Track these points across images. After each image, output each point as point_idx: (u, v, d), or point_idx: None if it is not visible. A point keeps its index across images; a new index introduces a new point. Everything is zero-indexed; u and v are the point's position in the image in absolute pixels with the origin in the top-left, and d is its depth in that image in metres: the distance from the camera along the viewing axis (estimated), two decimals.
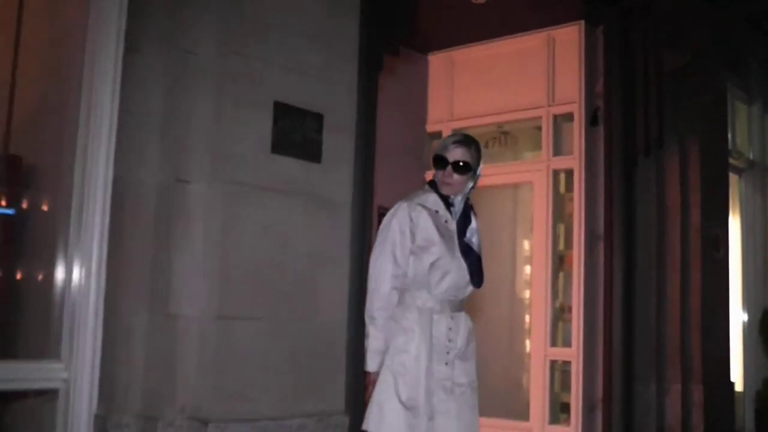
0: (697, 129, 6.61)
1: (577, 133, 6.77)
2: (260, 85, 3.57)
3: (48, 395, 3.44)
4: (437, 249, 3.31)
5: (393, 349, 3.28)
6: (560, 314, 6.88)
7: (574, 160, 6.76)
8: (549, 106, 6.96)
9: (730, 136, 7.67)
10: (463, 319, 3.42)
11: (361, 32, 4.06)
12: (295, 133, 3.65)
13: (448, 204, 3.41)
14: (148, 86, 3.50)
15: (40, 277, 3.71)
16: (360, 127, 4.10)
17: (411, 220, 3.31)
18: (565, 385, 6.77)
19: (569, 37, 6.89)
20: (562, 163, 6.89)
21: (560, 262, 6.92)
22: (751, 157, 8.31)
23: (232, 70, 3.49)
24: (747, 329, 8.00)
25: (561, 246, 6.94)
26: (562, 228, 6.94)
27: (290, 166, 3.64)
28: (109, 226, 3.49)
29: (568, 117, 6.89)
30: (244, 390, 3.41)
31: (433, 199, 3.41)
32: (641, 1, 6.54)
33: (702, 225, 6.57)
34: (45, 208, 3.86)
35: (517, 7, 6.70)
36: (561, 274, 6.92)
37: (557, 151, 6.93)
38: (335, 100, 3.86)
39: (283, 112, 3.61)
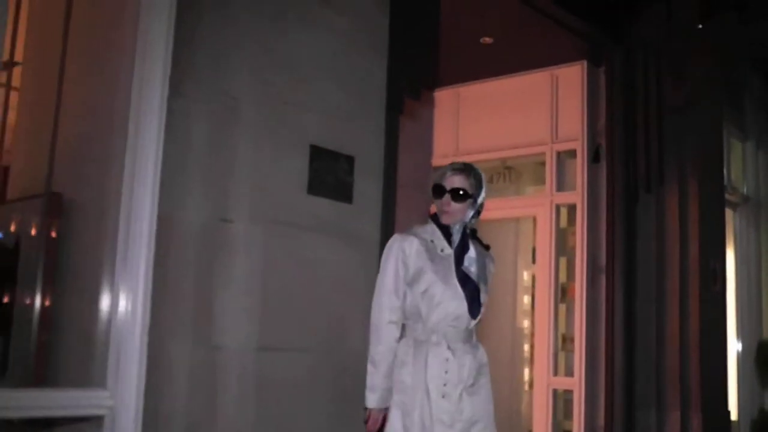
0: (696, 165, 6.86)
1: (579, 169, 7.02)
2: (297, 129, 3.78)
3: (93, 422, 3.60)
4: (428, 277, 3.29)
5: (394, 383, 3.30)
6: (562, 344, 7.09)
7: (577, 195, 7.01)
8: (552, 142, 7.21)
9: (725, 171, 7.93)
10: (470, 351, 3.35)
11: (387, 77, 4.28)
12: (329, 174, 3.86)
13: (447, 233, 3.40)
14: (191, 129, 3.70)
15: (84, 309, 3.88)
16: (384, 168, 4.32)
17: (403, 251, 3.32)
18: (567, 414, 6.97)
19: (572, 76, 7.16)
20: (565, 198, 7.13)
21: (563, 293, 7.15)
22: (745, 192, 8.58)
23: (271, 114, 3.70)
24: (741, 359, 8.23)
25: (563, 278, 7.17)
26: (564, 260, 7.17)
27: (324, 205, 3.85)
28: (154, 261, 3.67)
29: (571, 153, 7.14)
30: (282, 419, 3.59)
31: (430, 230, 3.42)
32: (642, 42, 6.80)
33: (700, 258, 6.80)
34: (88, 242, 4.03)
35: (522, 46, 6.97)
36: (563, 305, 7.15)
37: (560, 186, 7.18)
38: (365, 143, 4.08)
39: (318, 155, 3.82)
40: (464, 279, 3.35)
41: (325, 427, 3.62)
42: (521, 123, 7.37)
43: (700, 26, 6.47)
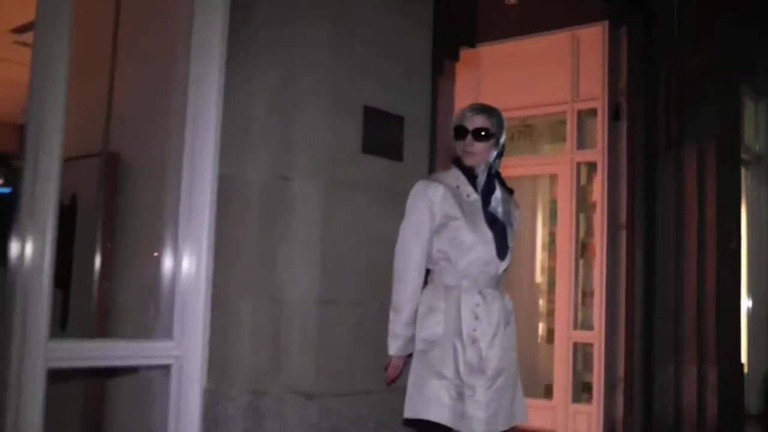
0: (714, 127, 7.02)
1: (600, 127, 7.16)
2: (351, 92, 3.91)
3: (161, 371, 3.78)
4: (458, 223, 3.26)
5: (422, 329, 3.29)
6: (582, 299, 7.30)
7: (597, 153, 7.17)
8: (573, 102, 7.34)
9: None
10: (499, 297, 3.34)
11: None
12: (382, 134, 3.99)
13: (471, 176, 3.37)
14: (251, 91, 3.83)
15: (146, 265, 4.05)
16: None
17: (429, 198, 3.30)
18: (587, 367, 7.19)
19: (593, 36, 7.27)
20: (585, 156, 7.29)
21: (583, 249, 7.33)
22: (756, 150, 8.74)
23: (330, 77, 3.83)
24: (752, 315, 8.45)
25: (583, 234, 7.35)
26: (584, 217, 7.35)
27: (377, 164, 3.99)
28: (216, 218, 3.83)
29: (592, 112, 7.28)
30: (341, 367, 3.76)
31: (454, 175, 3.40)
32: (664, 5, 6.91)
33: (717, 216, 6.99)
34: (148, 201, 4.18)
35: (544, 7, 7.07)
36: (582, 261, 7.34)
37: (581, 144, 7.32)
38: (413, 105, 4.20)
39: (370, 115, 3.95)
40: (492, 220, 3.32)
41: (380, 374, 3.79)
42: (542, 82, 7.50)
43: None
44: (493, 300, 3.30)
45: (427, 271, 3.40)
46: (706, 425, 6.87)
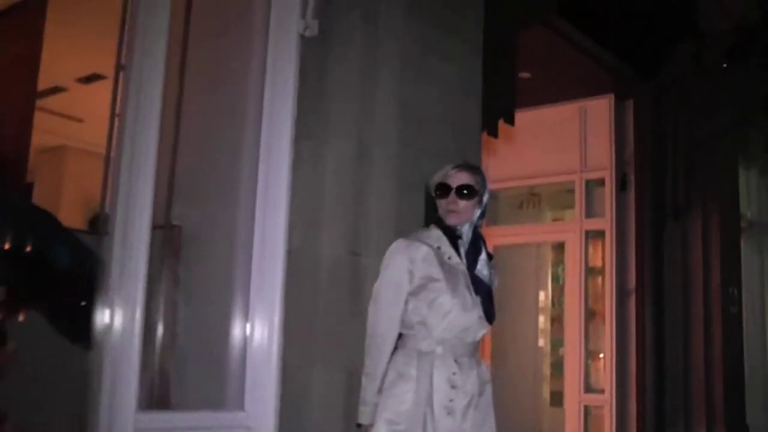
0: (717, 195, 7.32)
1: (608, 197, 7.43)
2: (415, 170, 4.09)
3: None
4: (438, 286, 3.10)
5: (390, 397, 3.11)
6: (590, 363, 7.49)
7: (606, 222, 7.42)
8: (582, 171, 7.61)
9: None
10: (475, 366, 3.17)
11: None
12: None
13: (453, 238, 3.21)
14: (323, 165, 3.99)
15: (213, 335, 4.14)
16: None
17: (410, 259, 3.14)
18: (595, 429, 7.35)
19: (600, 108, 7.58)
20: (593, 224, 7.53)
21: (590, 314, 7.55)
22: (749, 217, 9.08)
23: (394, 157, 4.01)
24: (749, 374, 8.70)
25: (590, 300, 7.57)
26: (591, 283, 7.58)
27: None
28: (287, 290, 3.95)
29: (600, 182, 7.55)
30: None
31: (435, 236, 3.23)
32: (671, 79, 7.24)
33: (722, 283, 7.26)
34: (214, 273, 4.29)
35: (554, 80, 7.37)
36: (591, 326, 7.55)
37: (589, 213, 7.58)
38: None
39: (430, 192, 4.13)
40: (477, 283, 3.18)
41: None
42: (551, 152, 7.76)
43: (725, 65, 6.91)
44: (470, 369, 3.13)
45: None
46: None
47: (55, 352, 4.14)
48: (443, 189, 3.22)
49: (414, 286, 3.13)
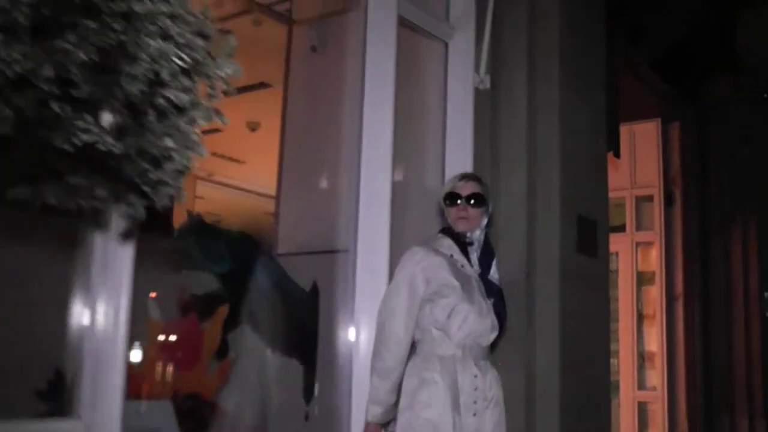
0: (755, 210, 8.16)
1: (657, 211, 8.22)
2: (572, 203, 4.79)
3: None
4: (454, 293, 3.19)
5: (415, 404, 3.15)
6: (642, 362, 8.28)
7: (654, 235, 8.21)
8: (632, 188, 8.40)
9: None
10: (490, 368, 3.29)
11: None
12: (587, 237, 4.89)
13: (463, 246, 3.36)
14: (499, 200, 4.64)
15: None
16: None
17: (425, 266, 3.23)
18: (646, 423, 8.14)
19: (649, 130, 8.36)
20: (643, 236, 8.33)
21: (641, 318, 8.34)
22: None
23: (559, 190, 4.68)
24: None
25: (641, 305, 8.37)
26: (642, 290, 8.37)
27: (584, 260, 4.87)
28: None
29: (649, 198, 8.34)
30: None
31: (447, 244, 3.35)
32: (714, 104, 8.05)
33: (760, 288, 8.10)
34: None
35: None
36: (642, 329, 8.34)
37: (639, 226, 8.37)
38: (600, 211, 5.12)
39: (582, 222, 4.83)
40: (490, 288, 3.35)
41: None
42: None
43: (766, 95, 7.75)
44: (486, 371, 3.25)
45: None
46: None
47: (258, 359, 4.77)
48: (453, 198, 3.35)
49: (429, 292, 3.20)
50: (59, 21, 1.27)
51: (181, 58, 1.40)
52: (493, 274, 3.38)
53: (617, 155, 5.55)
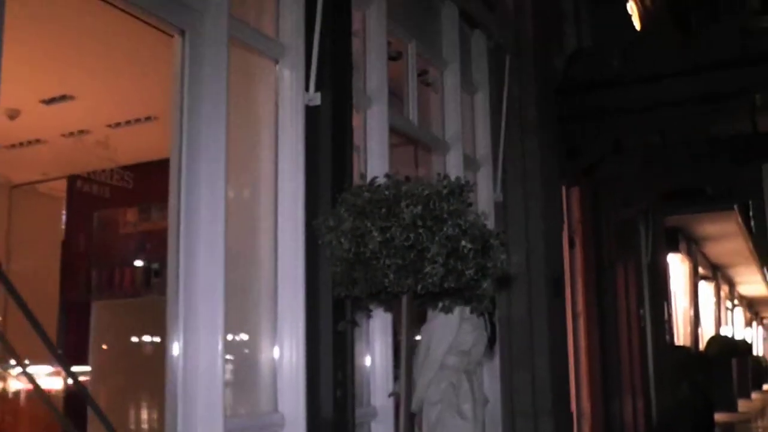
0: (631, 252, 11.57)
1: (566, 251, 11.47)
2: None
3: None
4: (470, 329, 4.89)
5: (454, 397, 4.81)
6: None
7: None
8: None
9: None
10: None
11: None
12: None
13: None
14: None
15: None
16: None
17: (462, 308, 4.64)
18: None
19: None
20: None
21: None
22: (645, 262, 13.48)
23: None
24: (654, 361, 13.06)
25: None
26: None
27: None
28: None
29: None
30: None
31: None
32: (606, 175, 11.38)
33: (637, 305, 11.52)
34: None
35: None
36: None
37: None
38: None
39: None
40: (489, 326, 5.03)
41: None
42: None
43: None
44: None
45: None
46: (638, 428, 11.27)
47: None
48: None
49: (460, 325, 4.82)
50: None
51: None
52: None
53: None
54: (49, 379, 6.45)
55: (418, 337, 6.00)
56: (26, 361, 3.05)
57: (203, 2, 3.97)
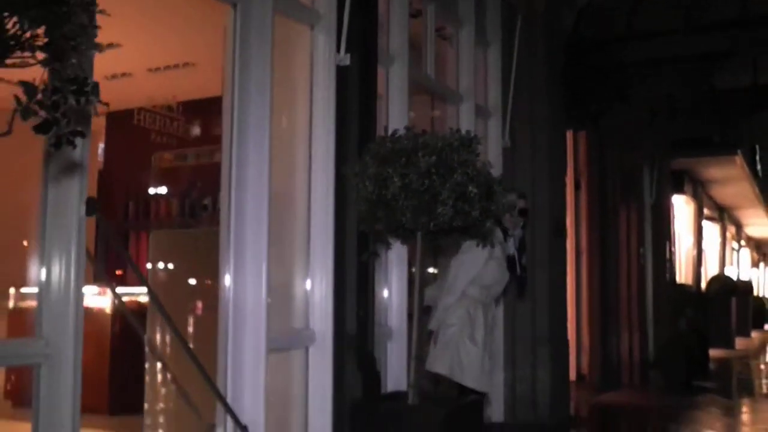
0: (632, 194, 12.25)
1: (569, 193, 12.15)
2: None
3: None
4: (497, 264, 5.63)
5: (468, 320, 5.48)
6: None
7: (567, 209, 12.16)
8: None
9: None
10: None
11: None
12: None
13: (506, 236, 5.67)
14: None
15: None
16: None
17: (489, 251, 5.44)
18: None
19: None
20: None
21: None
22: (649, 202, 14.15)
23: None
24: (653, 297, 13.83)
25: None
26: None
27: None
28: None
29: None
30: None
31: (497, 234, 5.50)
32: (612, 122, 11.99)
33: (638, 244, 12.24)
34: None
35: None
36: None
37: None
38: None
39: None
40: (513, 263, 5.79)
41: None
42: None
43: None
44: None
45: None
46: (633, 366, 12.08)
47: None
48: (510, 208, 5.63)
49: (486, 262, 5.53)
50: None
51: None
52: (521, 254, 5.90)
53: None
54: (96, 298, 7.27)
55: (430, 270, 6.77)
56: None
57: None
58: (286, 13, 4.95)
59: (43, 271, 3.39)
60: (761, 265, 39.62)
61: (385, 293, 5.90)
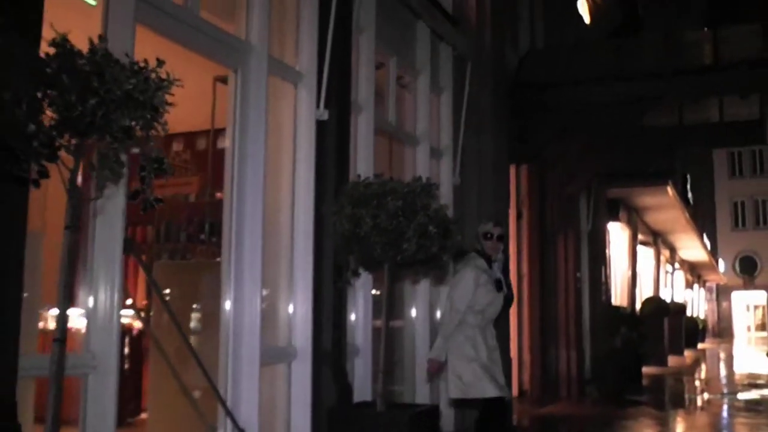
0: (570, 223, 13.29)
1: (512, 220, 13.15)
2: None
3: None
4: (486, 290, 5.63)
5: (465, 348, 5.60)
6: None
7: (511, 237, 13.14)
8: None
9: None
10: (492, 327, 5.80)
11: None
12: None
13: (489, 263, 5.69)
14: None
15: None
16: None
17: (475, 277, 5.59)
18: None
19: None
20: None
21: None
22: (585, 230, 15.20)
23: None
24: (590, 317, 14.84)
25: None
26: None
27: None
28: None
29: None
30: None
31: (481, 263, 5.69)
32: (551, 156, 13.02)
33: (575, 269, 13.26)
34: None
35: None
36: None
37: None
38: None
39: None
40: (501, 285, 5.74)
41: None
42: None
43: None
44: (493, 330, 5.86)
45: None
46: (571, 381, 13.06)
47: None
48: (489, 236, 5.81)
49: (476, 289, 5.64)
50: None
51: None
52: (505, 278, 5.93)
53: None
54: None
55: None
56: None
57: (249, 47, 5.47)
58: (275, 73, 5.79)
59: (91, 299, 4.16)
60: (695, 286, 41.21)
61: (353, 316, 6.72)
